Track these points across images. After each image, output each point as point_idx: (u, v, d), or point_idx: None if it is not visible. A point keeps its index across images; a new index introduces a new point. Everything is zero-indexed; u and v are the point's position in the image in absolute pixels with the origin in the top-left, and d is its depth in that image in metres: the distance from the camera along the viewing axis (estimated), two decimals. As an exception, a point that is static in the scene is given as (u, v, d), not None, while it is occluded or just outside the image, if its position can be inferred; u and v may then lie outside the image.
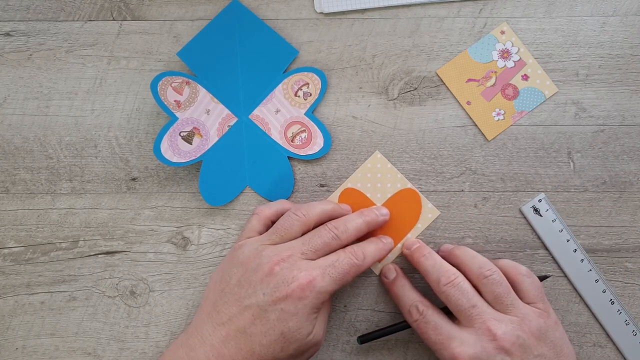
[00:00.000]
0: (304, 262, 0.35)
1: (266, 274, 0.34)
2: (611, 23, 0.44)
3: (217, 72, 0.43)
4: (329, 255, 0.36)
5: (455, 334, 0.35)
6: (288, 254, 0.35)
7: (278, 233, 0.37)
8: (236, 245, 0.38)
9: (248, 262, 0.36)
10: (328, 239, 0.36)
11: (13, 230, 0.43)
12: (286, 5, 0.44)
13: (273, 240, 0.37)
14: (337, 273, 0.35)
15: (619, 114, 0.43)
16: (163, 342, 0.42)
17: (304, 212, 0.38)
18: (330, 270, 0.35)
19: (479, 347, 0.34)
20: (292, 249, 0.35)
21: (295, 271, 0.34)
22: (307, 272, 0.34)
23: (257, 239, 0.37)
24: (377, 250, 0.38)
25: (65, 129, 0.44)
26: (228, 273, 0.36)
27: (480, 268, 0.37)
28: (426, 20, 0.44)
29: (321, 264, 0.35)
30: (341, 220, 0.38)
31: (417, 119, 0.43)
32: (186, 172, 0.43)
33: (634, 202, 0.42)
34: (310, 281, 0.34)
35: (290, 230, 0.37)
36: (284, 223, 0.37)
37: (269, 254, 0.35)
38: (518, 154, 0.43)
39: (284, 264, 0.34)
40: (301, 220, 0.37)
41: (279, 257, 0.35)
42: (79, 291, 0.42)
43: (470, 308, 0.35)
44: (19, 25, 0.44)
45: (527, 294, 0.37)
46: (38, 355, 0.42)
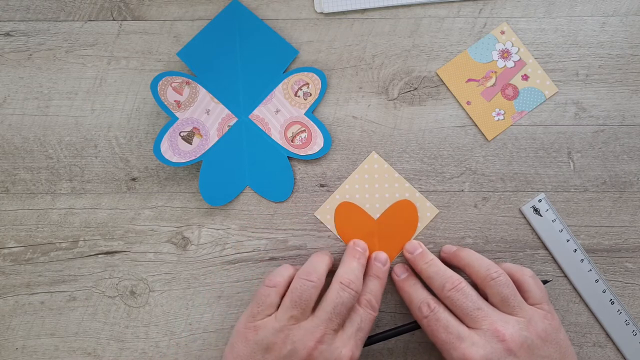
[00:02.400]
0: (338, 339, 0.35)
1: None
2: (611, 23, 0.44)
3: (217, 72, 0.43)
4: (352, 319, 0.36)
5: (465, 334, 0.35)
6: (321, 334, 0.34)
7: (298, 307, 0.35)
8: (250, 324, 0.36)
9: (277, 348, 0.34)
10: (349, 301, 0.36)
11: (13, 230, 0.43)
12: (286, 5, 0.44)
13: (296, 317, 0.35)
14: (364, 334, 0.37)
15: (619, 114, 0.43)
16: (163, 342, 0.42)
17: (316, 276, 0.37)
18: (360, 334, 0.36)
19: (489, 348, 0.34)
20: (324, 328, 0.35)
21: (335, 352, 0.34)
22: (345, 349, 0.35)
23: (275, 318, 0.35)
24: (382, 287, 0.39)
25: (65, 129, 0.44)
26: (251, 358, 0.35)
27: (487, 270, 0.37)
28: (426, 20, 0.44)
29: (351, 333, 0.36)
30: (347, 272, 0.37)
31: (417, 119, 0.43)
32: (186, 172, 0.43)
33: (634, 202, 0.42)
34: (351, 357, 0.35)
35: (310, 300, 0.36)
36: (301, 295, 0.35)
37: (301, 339, 0.34)
38: (518, 154, 0.43)
39: (322, 346, 0.34)
40: (316, 286, 0.36)
41: (314, 341, 0.34)
42: (79, 291, 0.42)
43: (475, 310, 0.35)
44: (19, 25, 0.44)
45: (533, 296, 0.37)
46: (38, 355, 0.42)
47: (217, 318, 0.42)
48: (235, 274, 0.43)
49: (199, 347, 0.42)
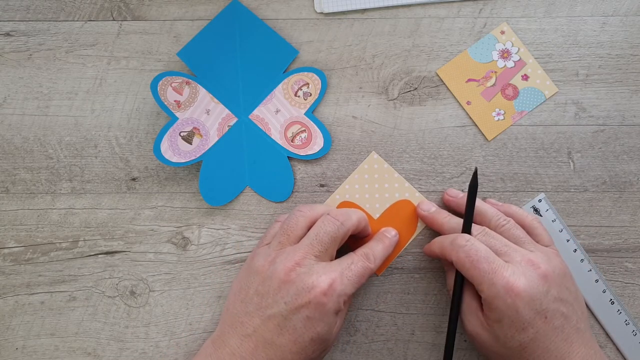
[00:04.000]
0: (320, 266, 0.35)
1: (283, 282, 0.34)
2: (611, 23, 0.44)
3: (217, 72, 0.43)
4: (343, 258, 0.36)
5: (503, 264, 0.35)
6: (300, 257, 0.35)
7: (285, 233, 0.37)
8: (252, 254, 0.39)
9: (262, 269, 0.36)
10: (334, 231, 0.36)
11: (13, 230, 0.43)
12: (286, 5, 0.44)
13: (281, 242, 0.37)
14: (353, 275, 0.35)
15: (619, 114, 0.43)
16: (163, 342, 0.42)
17: (308, 209, 0.38)
18: (347, 272, 0.35)
19: (528, 276, 0.34)
20: (302, 250, 0.35)
21: (314, 276, 0.34)
22: (326, 275, 0.34)
23: (268, 247, 0.38)
24: (384, 250, 0.39)
25: (65, 129, 0.44)
26: (246, 282, 0.36)
27: (497, 218, 0.38)
28: (426, 20, 0.44)
29: (337, 268, 0.35)
30: (341, 210, 0.38)
31: (417, 119, 0.43)
32: (186, 172, 0.43)
33: (634, 202, 0.42)
34: (331, 285, 0.34)
35: (296, 227, 0.37)
36: (289, 222, 0.37)
37: (281, 260, 0.35)
38: (518, 154, 0.43)
39: (300, 269, 0.34)
40: (306, 215, 0.37)
41: (292, 262, 0.34)
42: (79, 291, 0.42)
43: (504, 247, 0.36)
44: (19, 25, 0.44)
45: (542, 238, 0.39)
46: (38, 355, 0.42)
47: (217, 318, 0.42)
48: (235, 273, 0.42)
49: (199, 347, 0.42)
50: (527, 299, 0.33)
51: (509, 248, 0.36)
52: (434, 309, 0.42)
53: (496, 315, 0.34)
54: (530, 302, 0.33)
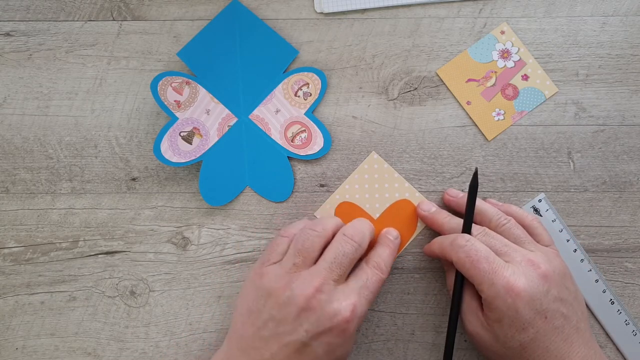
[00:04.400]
0: (339, 291, 0.34)
1: (303, 309, 0.33)
2: (611, 23, 0.44)
3: (217, 72, 0.43)
4: (358, 275, 0.36)
5: (504, 264, 0.35)
6: (319, 282, 0.34)
7: (300, 255, 0.36)
8: (258, 270, 0.37)
9: (277, 293, 0.34)
10: (352, 253, 0.36)
11: (13, 230, 0.43)
12: (286, 5, 0.44)
13: (297, 265, 0.35)
14: (370, 293, 0.36)
15: (619, 114, 0.43)
16: (163, 342, 0.42)
17: (322, 227, 0.37)
18: (365, 292, 0.35)
19: (529, 276, 0.34)
20: (323, 276, 0.34)
21: (335, 303, 0.34)
22: (347, 302, 0.34)
23: (279, 265, 0.36)
24: (392, 255, 0.39)
25: (65, 129, 0.44)
26: (257, 305, 0.35)
27: (498, 217, 0.38)
28: (426, 20, 0.44)
29: (355, 288, 0.35)
30: (355, 228, 0.37)
31: (417, 119, 0.43)
32: (186, 172, 0.43)
33: (634, 202, 0.42)
34: (352, 311, 0.34)
35: (312, 249, 0.36)
36: (304, 242, 0.36)
37: (299, 286, 0.34)
38: (518, 154, 0.43)
39: (320, 295, 0.34)
40: (321, 235, 0.36)
41: (312, 288, 0.34)
42: (79, 291, 0.42)
43: (504, 247, 0.36)
44: (19, 25, 0.44)
45: (543, 238, 0.39)
46: (38, 355, 0.42)
47: (217, 318, 0.42)
48: (235, 274, 0.43)
49: (199, 347, 0.42)
50: (527, 298, 0.33)
51: (509, 248, 0.36)
52: (434, 309, 0.42)
53: (496, 315, 0.34)
54: (530, 302, 0.33)
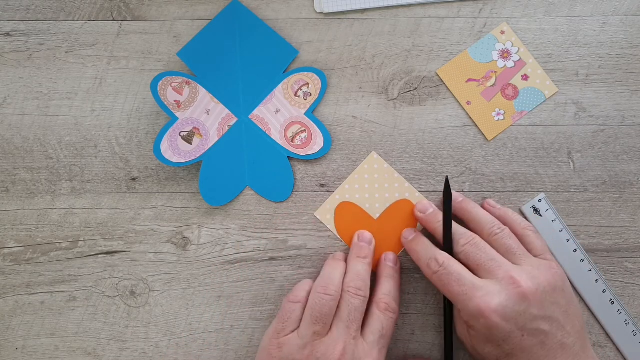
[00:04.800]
0: (360, 348, 0.35)
1: None
2: (611, 23, 0.44)
3: (217, 72, 0.43)
4: (372, 325, 0.37)
5: (479, 283, 0.35)
6: (342, 345, 0.35)
7: (319, 322, 0.35)
8: (274, 341, 0.36)
9: None
10: (362, 307, 0.37)
11: (13, 230, 0.43)
12: (286, 5, 0.44)
13: (318, 332, 0.35)
14: (387, 340, 0.37)
15: (619, 114, 0.43)
16: (163, 342, 0.42)
17: (334, 289, 0.37)
18: (382, 341, 0.36)
19: (504, 296, 0.34)
20: (343, 339, 0.35)
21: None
22: (368, 357, 0.35)
23: (299, 336, 0.36)
24: (397, 286, 0.39)
25: (65, 129, 0.44)
26: None
27: (491, 226, 0.38)
28: (426, 20, 0.44)
29: (373, 341, 0.36)
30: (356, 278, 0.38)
31: (417, 119, 0.43)
32: (186, 172, 0.43)
33: (634, 202, 0.42)
34: None
35: (330, 314, 0.36)
36: (321, 309, 0.36)
37: (324, 353, 0.34)
38: (518, 154, 0.43)
39: (345, 357, 0.34)
40: (335, 298, 0.36)
41: (337, 354, 0.34)
42: (79, 291, 0.42)
43: (489, 261, 0.36)
44: (19, 25, 0.44)
45: (535, 247, 0.38)
46: (38, 355, 0.42)
47: (217, 318, 0.42)
48: (235, 274, 0.43)
49: (199, 347, 0.42)
50: (499, 319, 0.34)
51: (494, 263, 0.36)
52: (434, 309, 0.42)
53: (473, 331, 0.35)
54: (504, 322, 0.34)
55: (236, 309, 0.42)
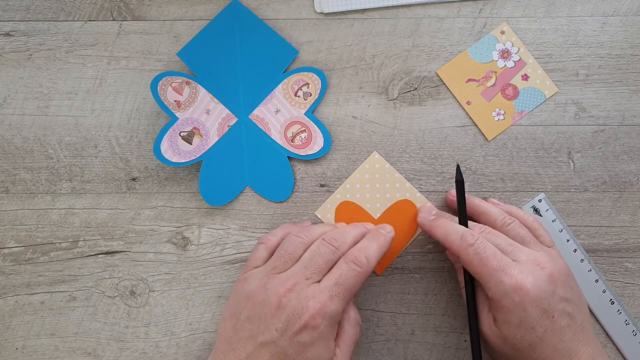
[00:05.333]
0: (310, 289, 0.34)
1: (275, 308, 0.33)
2: (611, 23, 0.44)
3: (217, 72, 0.43)
4: (331, 272, 0.35)
5: (511, 263, 0.34)
6: (293, 282, 0.34)
7: (281, 259, 0.36)
8: (242, 277, 0.37)
9: (255, 295, 0.35)
10: (328, 255, 0.35)
11: (13, 230, 0.43)
12: (286, 5, 0.44)
13: (277, 268, 0.36)
14: (344, 290, 0.34)
15: (619, 114, 0.43)
16: (163, 342, 0.42)
17: (306, 234, 0.37)
18: (336, 289, 0.34)
19: (536, 275, 0.34)
20: (296, 276, 0.34)
21: (304, 301, 0.33)
22: (314, 299, 0.33)
23: (261, 269, 0.37)
24: (378, 248, 0.36)
25: (65, 129, 0.44)
26: (237, 308, 0.35)
27: (503, 217, 0.38)
28: (426, 20, 0.44)
29: (326, 285, 0.34)
30: (336, 232, 0.37)
31: (417, 119, 0.43)
32: (186, 172, 0.43)
33: (634, 202, 0.42)
34: (320, 308, 0.33)
35: (294, 254, 0.36)
36: (287, 247, 0.36)
37: (274, 286, 0.34)
38: (518, 154, 0.43)
39: (291, 294, 0.33)
40: (304, 242, 0.36)
41: (285, 288, 0.34)
42: (79, 291, 0.42)
43: (509, 246, 0.36)
44: (19, 25, 0.44)
45: (544, 239, 0.39)
46: (38, 355, 0.42)
47: (217, 318, 0.42)
48: (235, 274, 0.43)
49: (199, 347, 0.42)
50: (535, 298, 0.33)
51: (514, 247, 0.36)
52: (433, 309, 0.42)
53: (504, 315, 0.34)
54: (538, 302, 0.33)
55: (236, 309, 0.42)
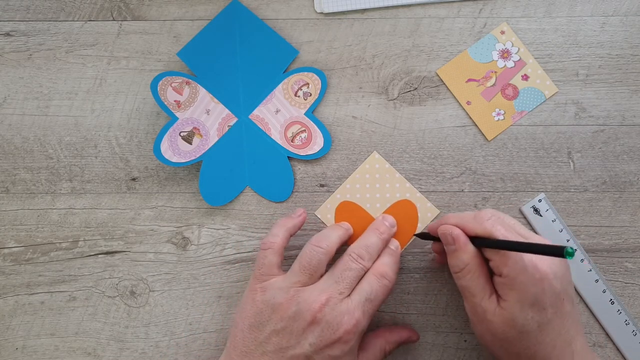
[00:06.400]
0: (343, 304, 0.34)
1: (309, 323, 0.34)
2: (611, 23, 0.44)
3: (217, 72, 0.43)
4: (362, 287, 0.36)
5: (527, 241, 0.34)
6: (326, 297, 0.34)
7: (306, 272, 0.36)
8: (257, 286, 0.36)
9: (283, 308, 0.34)
10: (358, 271, 0.36)
11: (13, 230, 0.43)
12: (286, 5, 0.44)
13: (303, 281, 0.35)
14: (374, 306, 0.36)
15: (619, 114, 0.43)
16: (163, 342, 0.42)
17: (326, 244, 0.37)
18: (368, 305, 0.35)
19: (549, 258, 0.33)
20: (329, 291, 0.35)
21: (338, 317, 0.34)
22: (349, 315, 0.34)
23: (283, 279, 0.36)
24: (395, 263, 0.38)
25: (65, 129, 0.44)
26: (259, 319, 0.35)
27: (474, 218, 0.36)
28: (426, 20, 0.44)
29: (359, 301, 0.35)
30: (362, 247, 0.37)
31: (417, 119, 0.43)
32: (186, 172, 0.43)
33: (634, 202, 0.42)
34: (355, 324, 0.34)
35: (319, 266, 0.36)
36: (310, 260, 0.36)
37: (306, 300, 0.34)
38: (518, 154, 0.43)
39: (325, 309, 0.34)
40: (326, 252, 0.37)
41: (319, 303, 0.34)
42: (79, 291, 0.42)
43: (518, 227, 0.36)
44: (19, 25, 0.44)
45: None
46: (38, 355, 0.42)
47: (217, 318, 0.42)
48: (235, 274, 0.43)
49: (199, 347, 0.42)
50: (552, 277, 0.33)
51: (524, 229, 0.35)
52: (434, 309, 0.42)
53: (518, 294, 0.33)
54: (555, 281, 0.33)
55: (236, 309, 0.42)
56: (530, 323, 0.33)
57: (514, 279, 0.33)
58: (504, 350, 0.35)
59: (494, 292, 0.34)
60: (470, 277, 0.35)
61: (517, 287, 0.33)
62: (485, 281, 0.34)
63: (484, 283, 0.34)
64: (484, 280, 0.35)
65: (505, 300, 0.33)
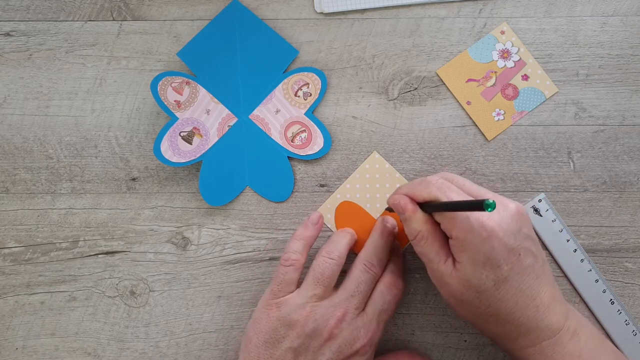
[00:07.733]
0: (360, 318, 0.35)
1: (326, 339, 0.34)
2: (611, 23, 0.44)
3: (217, 72, 0.43)
4: (375, 300, 0.36)
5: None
6: (342, 312, 0.35)
7: (321, 284, 0.36)
8: (272, 302, 0.36)
9: (299, 325, 0.34)
10: (371, 280, 0.37)
11: (13, 230, 0.43)
12: (286, 5, 0.44)
13: (319, 294, 0.36)
14: (388, 316, 0.37)
15: (619, 114, 0.43)
16: (163, 342, 0.42)
17: (337, 254, 0.37)
18: (383, 316, 0.36)
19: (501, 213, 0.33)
20: (344, 305, 0.35)
21: (355, 331, 0.35)
22: (365, 329, 0.35)
23: (298, 295, 0.36)
24: (401, 267, 0.39)
25: (65, 129, 0.44)
26: (274, 336, 0.35)
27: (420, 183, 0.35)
28: (426, 20, 0.44)
29: (374, 313, 0.36)
30: (371, 254, 0.38)
31: (417, 119, 0.43)
32: (186, 172, 0.43)
33: (634, 202, 0.42)
34: (371, 337, 0.35)
35: (332, 278, 0.36)
36: (323, 272, 0.36)
37: (323, 316, 0.34)
38: (518, 154, 0.43)
39: (342, 324, 0.34)
40: (338, 263, 0.37)
41: (335, 319, 0.34)
42: (79, 291, 0.42)
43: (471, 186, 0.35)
44: (19, 25, 0.44)
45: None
46: (38, 355, 0.42)
47: (217, 318, 0.42)
48: (235, 274, 0.43)
49: (199, 347, 0.42)
50: (502, 234, 0.32)
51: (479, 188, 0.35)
52: (434, 309, 0.42)
53: (469, 254, 0.32)
54: (505, 238, 0.32)
55: (236, 309, 0.42)
56: (485, 282, 0.32)
57: (463, 240, 0.32)
58: (469, 312, 0.34)
59: (450, 256, 0.34)
60: (425, 243, 0.34)
61: (467, 248, 0.32)
62: (440, 246, 0.34)
63: (439, 248, 0.34)
64: (439, 245, 0.34)
65: (459, 262, 0.33)
